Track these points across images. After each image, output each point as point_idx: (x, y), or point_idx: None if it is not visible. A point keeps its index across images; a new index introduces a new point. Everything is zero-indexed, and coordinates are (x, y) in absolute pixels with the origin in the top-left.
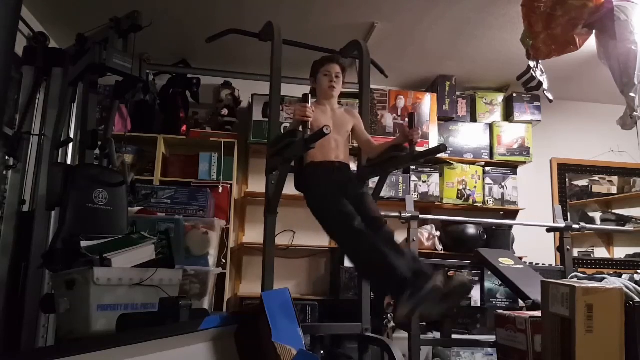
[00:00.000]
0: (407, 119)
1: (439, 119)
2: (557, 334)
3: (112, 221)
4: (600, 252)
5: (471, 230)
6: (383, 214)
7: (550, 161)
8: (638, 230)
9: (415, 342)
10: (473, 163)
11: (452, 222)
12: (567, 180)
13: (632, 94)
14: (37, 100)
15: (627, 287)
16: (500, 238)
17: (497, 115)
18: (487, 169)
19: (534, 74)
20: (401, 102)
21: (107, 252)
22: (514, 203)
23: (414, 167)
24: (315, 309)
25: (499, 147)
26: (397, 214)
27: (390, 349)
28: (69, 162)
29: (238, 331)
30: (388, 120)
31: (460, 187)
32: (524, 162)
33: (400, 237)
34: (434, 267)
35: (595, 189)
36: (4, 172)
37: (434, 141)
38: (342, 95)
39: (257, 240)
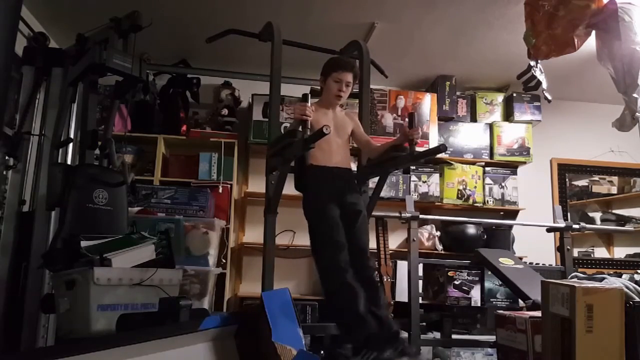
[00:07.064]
0: (407, 119)
1: (439, 119)
2: (557, 334)
3: (112, 221)
4: (600, 252)
5: (471, 230)
6: (383, 214)
7: (550, 161)
8: (638, 230)
9: (415, 342)
10: (473, 163)
11: (452, 222)
12: (567, 180)
13: (635, 95)
14: (37, 100)
15: (627, 287)
16: (500, 238)
17: (497, 115)
18: (487, 169)
19: (534, 73)
20: (401, 102)
21: (107, 252)
22: (514, 203)
23: (414, 167)
24: (315, 309)
25: (499, 147)
26: (397, 214)
27: None
28: (69, 162)
29: (238, 331)
30: (388, 120)
31: (460, 187)
32: (524, 162)
33: (400, 237)
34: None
35: (595, 189)
36: (4, 172)
37: (434, 141)
38: None
39: (257, 240)
